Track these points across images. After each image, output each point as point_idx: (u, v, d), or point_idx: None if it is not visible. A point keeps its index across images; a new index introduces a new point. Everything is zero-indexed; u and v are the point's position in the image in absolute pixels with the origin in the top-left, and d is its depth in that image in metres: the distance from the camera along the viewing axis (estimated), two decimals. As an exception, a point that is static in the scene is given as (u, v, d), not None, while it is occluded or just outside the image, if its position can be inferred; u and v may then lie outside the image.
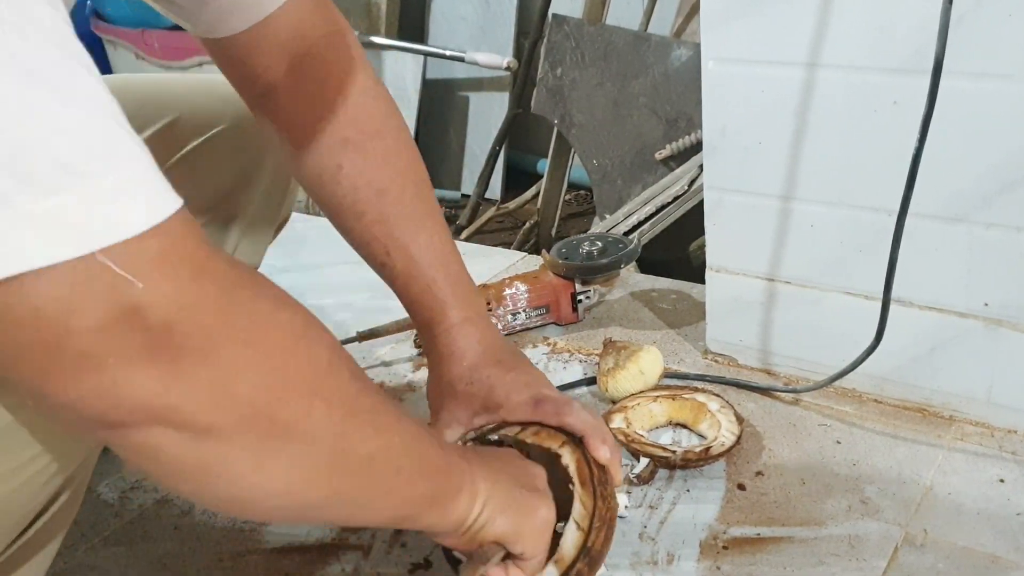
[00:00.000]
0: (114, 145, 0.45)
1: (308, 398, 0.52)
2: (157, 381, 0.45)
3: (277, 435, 0.51)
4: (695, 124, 1.92)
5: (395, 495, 0.61)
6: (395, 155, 0.82)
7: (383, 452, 0.58)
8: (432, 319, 0.82)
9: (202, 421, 0.47)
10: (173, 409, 0.46)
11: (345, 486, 0.57)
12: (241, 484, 0.51)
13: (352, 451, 0.56)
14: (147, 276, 0.44)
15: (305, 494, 0.55)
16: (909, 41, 0.90)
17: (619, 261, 1.25)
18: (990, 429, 1.00)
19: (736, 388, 1.10)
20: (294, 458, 0.52)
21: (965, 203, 0.93)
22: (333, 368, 0.54)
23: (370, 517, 0.64)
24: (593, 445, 0.77)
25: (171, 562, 0.87)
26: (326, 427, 0.53)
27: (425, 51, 2.70)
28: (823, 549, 0.84)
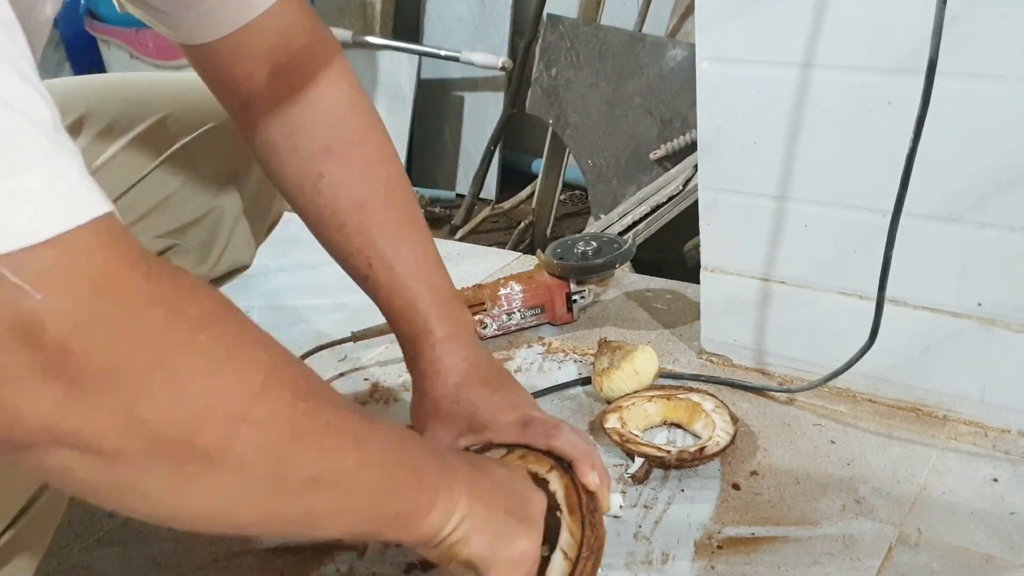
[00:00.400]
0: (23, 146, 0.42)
1: (233, 423, 0.48)
2: (55, 403, 0.42)
3: (197, 461, 0.47)
4: (690, 124, 1.93)
5: (347, 516, 0.57)
6: (377, 165, 0.80)
7: (331, 474, 0.54)
8: (416, 335, 0.80)
9: (107, 447, 0.44)
10: (75, 433, 0.44)
11: (284, 509, 0.53)
12: (161, 507, 0.49)
13: (291, 475, 0.52)
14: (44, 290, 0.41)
15: (235, 517, 0.52)
16: (903, 41, 0.90)
17: (614, 261, 1.25)
18: (984, 429, 1.00)
19: (731, 388, 1.10)
20: (219, 484, 0.49)
21: (959, 203, 0.93)
22: (269, 390, 0.50)
23: (321, 535, 0.60)
24: (582, 471, 0.74)
25: (166, 562, 0.87)
26: (256, 452, 0.49)
27: (420, 51, 2.70)
28: (818, 549, 0.84)
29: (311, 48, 0.77)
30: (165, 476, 0.47)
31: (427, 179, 2.90)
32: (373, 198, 0.79)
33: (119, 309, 0.44)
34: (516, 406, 0.78)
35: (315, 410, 0.53)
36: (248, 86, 0.76)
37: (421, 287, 0.80)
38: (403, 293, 0.79)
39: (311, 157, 0.77)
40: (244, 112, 0.78)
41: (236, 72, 0.76)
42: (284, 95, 0.76)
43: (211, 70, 0.77)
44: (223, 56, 0.75)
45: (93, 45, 2.59)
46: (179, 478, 0.47)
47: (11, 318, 0.41)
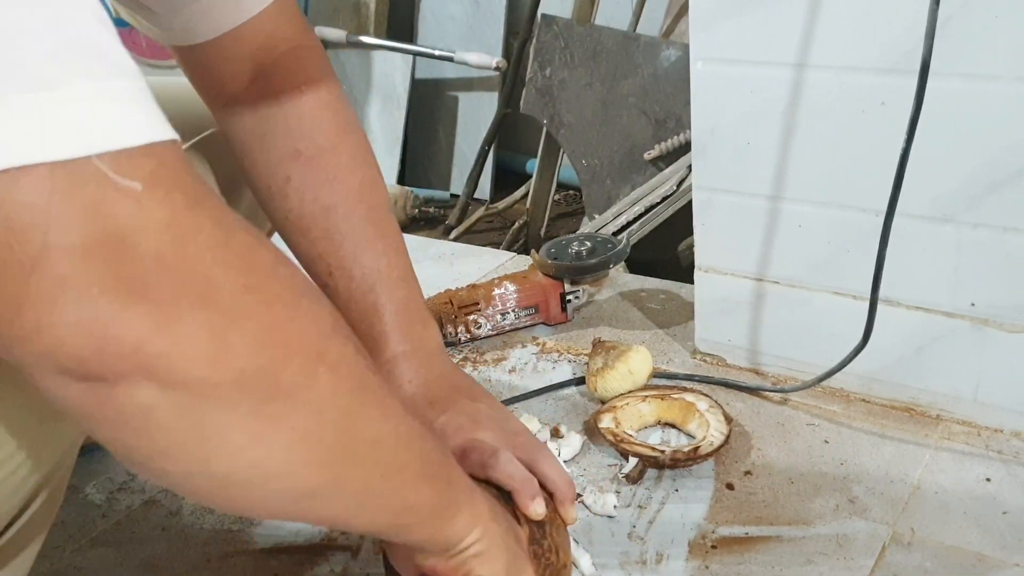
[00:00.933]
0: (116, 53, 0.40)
1: (313, 362, 0.46)
2: (148, 321, 0.39)
3: (280, 401, 0.44)
4: (684, 124, 1.93)
5: (399, 495, 0.55)
6: (348, 172, 0.78)
7: (390, 440, 0.53)
8: (370, 350, 0.76)
9: (197, 375, 0.41)
10: (165, 357, 0.40)
11: (349, 473, 0.51)
12: (240, 459, 0.45)
13: (358, 432, 0.50)
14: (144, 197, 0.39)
15: (306, 477, 0.48)
16: (897, 42, 0.90)
17: (608, 261, 1.25)
18: (977, 428, 1.00)
19: (725, 388, 1.10)
20: (297, 431, 0.46)
21: (952, 203, 0.93)
22: (338, 335, 0.48)
23: (367, 519, 0.56)
24: (521, 503, 0.69)
25: (159, 563, 0.87)
26: (332, 399, 0.47)
27: (414, 51, 2.70)
28: (811, 548, 0.85)
29: (295, 53, 0.77)
30: (248, 416, 0.44)
31: (421, 179, 2.90)
32: (339, 204, 0.77)
33: (215, 224, 0.42)
34: (461, 429, 0.73)
35: (372, 367, 0.52)
36: (232, 87, 0.76)
37: (379, 299, 0.77)
38: (359, 305, 0.77)
39: (281, 160, 0.76)
40: (226, 113, 0.78)
41: (222, 73, 0.75)
42: (263, 97, 0.76)
43: (198, 70, 0.77)
44: (210, 57, 0.75)
45: (86, 44, 2.58)
46: (261, 419, 0.44)
47: (107, 225, 0.37)
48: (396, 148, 2.84)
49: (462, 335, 1.24)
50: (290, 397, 0.45)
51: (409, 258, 0.82)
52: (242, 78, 0.76)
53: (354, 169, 0.78)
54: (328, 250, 0.76)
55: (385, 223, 0.79)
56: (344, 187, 0.77)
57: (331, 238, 0.76)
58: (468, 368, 1.19)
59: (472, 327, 1.24)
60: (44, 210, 0.36)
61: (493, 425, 0.74)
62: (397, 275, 0.78)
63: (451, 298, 1.24)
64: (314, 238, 0.76)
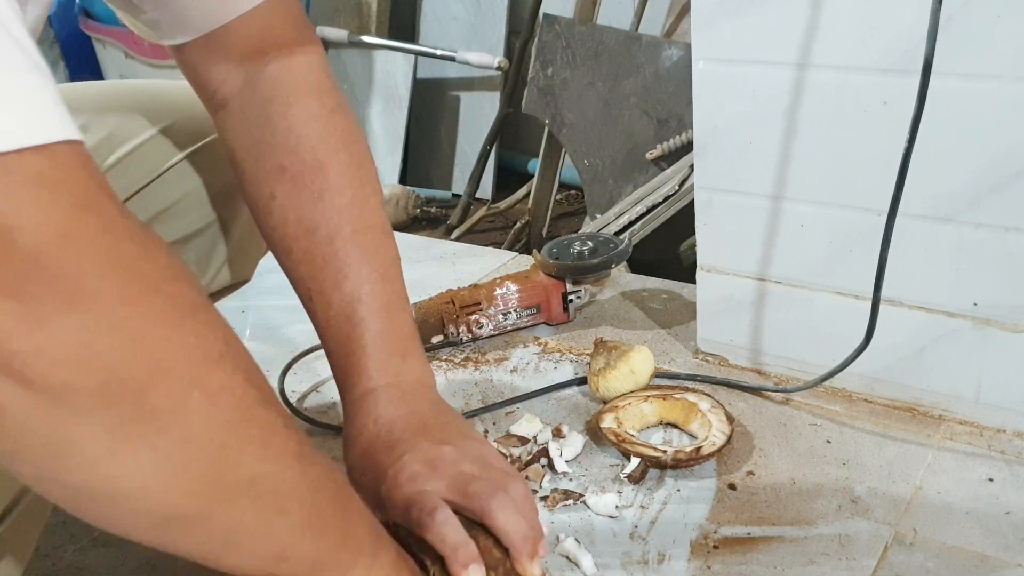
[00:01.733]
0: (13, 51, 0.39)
1: (186, 386, 0.44)
2: (14, 318, 0.38)
3: (142, 419, 0.43)
4: (686, 124, 1.93)
5: (273, 542, 0.52)
6: (335, 192, 0.73)
7: (270, 482, 0.50)
8: (342, 384, 0.74)
9: (56, 379, 0.40)
10: (25, 356, 0.39)
11: (216, 509, 0.49)
12: (93, 472, 0.43)
13: (232, 468, 0.48)
14: (21, 196, 0.38)
15: (166, 503, 0.46)
16: (899, 41, 0.90)
17: (610, 261, 1.25)
18: (979, 428, 1.00)
19: (727, 388, 1.10)
20: (160, 454, 0.44)
21: (954, 203, 0.93)
22: (224, 363, 0.46)
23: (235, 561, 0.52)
24: (453, 570, 0.63)
25: (160, 563, 0.87)
26: (204, 428, 0.45)
27: (416, 50, 2.69)
28: (813, 548, 0.84)
29: (288, 58, 0.74)
30: (106, 430, 0.42)
31: (423, 179, 2.90)
32: (323, 226, 0.73)
33: (99, 230, 0.41)
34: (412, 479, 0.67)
35: (263, 400, 0.50)
36: (223, 90, 0.74)
37: (357, 329, 0.73)
38: (336, 334, 0.73)
39: (267, 175, 0.73)
40: (219, 118, 0.76)
41: (212, 75, 0.73)
42: (251, 105, 0.73)
43: (191, 72, 0.74)
44: (200, 57, 0.72)
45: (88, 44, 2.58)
46: (120, 436, 0.43)
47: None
48: (398, 148, 2.84)
49: (464, 335, 1.24)
50: (155, 418, 0.43)
51: (400, 281, 0.77)
52: (232, 82, 0.73)
53: (342, 188, 0.74)
54: (308, 274, 0.73)
55: (373, 246, 0.75)
56: (329, 207, 0.73)
57: (312, 261, 0.73)
58: (470, 368, 1.19)
59: (474, 327, 1.24)
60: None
61: (450, 471, 0.67)
62: (379, 304, 0.73)
63: (453, 298, 1.24)
64: (296, 260, 0.73)
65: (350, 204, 0.74)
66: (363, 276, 0.73)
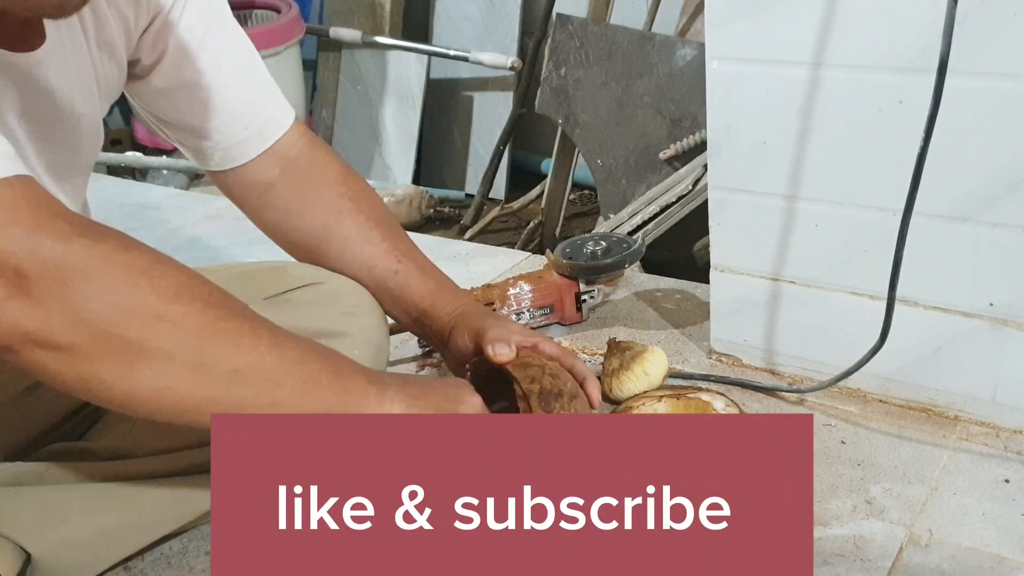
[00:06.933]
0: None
1: (153, 320, 0.64)
2: (20, 311, 0.61)
3: (132, 351, 0.64)
4: (699, 124, 1.92)
5: (281, 405, 0.70)
6: (382, 205, 1.02)
7: (252, 367, 0.68)
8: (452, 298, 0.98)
9: (63, 341, 0.62)
10: (38, 332, 0.62)
11: (216, 396, 0.68)
12: (115, 391, 0.65)
13: (214, 365, 0.67)
14: None
15: (176, 402, 0.67)
16: (914, 40, 0.89)
17: (623, 261, 1.25)
18: (995, 429, 0.99)
19: (741, 388, 1.10)
20: (155, 370, 0.65)
21: (970, 203, 0.93)
22: (181, 297, 0.66)
23: None
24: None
25: (176, 560, 0.87)
26: (178, 344, 0.65)
27: (429, 51, 2.70)
28: (828, 549, 0.84)
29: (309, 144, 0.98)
30: (112, 365, 0.64)
31: (436, 179, 2.90)
32: (389, 218, 1.01)
33: (51, 242, 0.62)
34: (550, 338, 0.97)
35: (227, 316, 0.68)
36: (266, 179, 0.96)
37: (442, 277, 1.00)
38: (433, 275, 0.99)
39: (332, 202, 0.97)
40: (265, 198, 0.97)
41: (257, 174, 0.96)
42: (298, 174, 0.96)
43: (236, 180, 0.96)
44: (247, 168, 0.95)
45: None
46: (123, 365, 0.64)
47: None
48: (411, 148, 2.84)
49: (477, 335, 1.24)
50: (139, 348, 0.64)
51: None
52: (272, 170, 0.96)
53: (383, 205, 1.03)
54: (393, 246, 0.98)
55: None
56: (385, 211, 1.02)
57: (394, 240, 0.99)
58: (483, 368, 1.19)
59: (487, 327, 1.24)
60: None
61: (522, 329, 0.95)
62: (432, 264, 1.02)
63: (466, 298, 1.24)
64: (378, 242, 0.98)
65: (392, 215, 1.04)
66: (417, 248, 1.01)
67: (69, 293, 0.62)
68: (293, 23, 2.62)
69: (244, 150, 0.94)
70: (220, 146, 0.93)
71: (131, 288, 0.64)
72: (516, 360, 0.88)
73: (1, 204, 0.62)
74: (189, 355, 0.66)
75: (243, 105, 0.93)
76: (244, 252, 1.58)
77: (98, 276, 0.63)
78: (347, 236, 0.97)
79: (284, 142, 0.96)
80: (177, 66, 0.88)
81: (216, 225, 1.77)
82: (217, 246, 1.67)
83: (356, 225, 0.97)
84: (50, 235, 0.62)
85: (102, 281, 0.63)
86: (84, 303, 0.62)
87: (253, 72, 0.94)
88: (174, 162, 2.58)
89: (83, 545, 0.81)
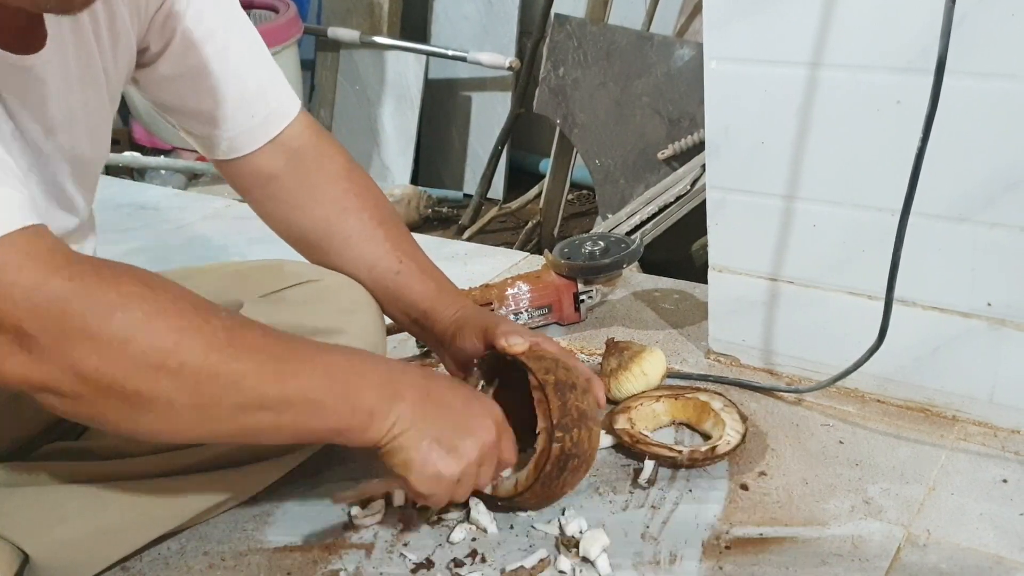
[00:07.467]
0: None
1: (153, 372, 0.67)
2: (24, 366, 0.65)
3: (134, 401, 0.67)
4: (698, 124, 1.92)
5: (283, 432, 0.75)
6: (386, 201, 1.02)
7: (254, 403, 0.71)
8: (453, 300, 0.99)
9: (67, 391, 0.66)
10: (43, 384, 0.66)
11: (222, 428, 0.73)
12: (123, 428, 0.70)
13: (216, 404, 0.70)
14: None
15: (182, 436, 0.73)
16: (912, 40, 0.90)
17: (621, 261, 1.25)
18: (993, 429, 0.99)
19: (739, 388, 1.10)
20: (158, 415, 0.69)
21: (968, 203, 0.93)
22: (181, 347, 0.68)
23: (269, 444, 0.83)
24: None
25: (173, 560, 0.87)
26: (178, 391, 0.68)
27: (427, 51, 2.70)
28: (826, 549, 0.84)
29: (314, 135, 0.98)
30: (116, 409, 0.68)
31: (434, 179, 2.90)
32: (393, 216, 1.01)
33: (50, 302, 0.64)
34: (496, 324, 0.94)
35: (230, 357, 0.70)
36: (270, 170, 0.96)
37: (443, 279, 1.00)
38: (436, 276, 1.00)
39: (336, 198, 0.97)
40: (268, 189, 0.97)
41: (261, 164, 0.96)
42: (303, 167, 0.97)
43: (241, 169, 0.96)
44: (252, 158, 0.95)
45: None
46: (127, 411, 0.68)
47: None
48: (409, 148, 2.84)
49: (475, 335, 1.24)
50: (140, 397, 0.67)
51: None
52: (276, 161, 0.96)
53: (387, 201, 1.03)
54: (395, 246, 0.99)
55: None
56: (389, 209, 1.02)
57: (393, 239, 0.99)
58: (481, 368, 1.19)
59: (485, 327, 1.24)
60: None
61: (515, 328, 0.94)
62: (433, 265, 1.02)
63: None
64: (380, 240, 0.98)
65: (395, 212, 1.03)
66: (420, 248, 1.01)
67: (69, 351, 0.65)
68: (291, 23, 2.62)
69: (250, 139, 0.94)
70: (227, 135, 0.93)
71: (128, 344, 0.66)
72: (530, 352, 0.88)
73: (3, 263, 0.63)
74: (189, 400, 0.69)
75: (250, 93, 0.92)
76: (242, 252, 1.58)
77: (97, 334, 0.65)
78: (349, 234, 0.97)
79: (290, 132, 0.96)
80: (184, 53, 0.88)
81: (214, 225, 1.77)
82: (215, 246, 1.66)
83: (360, 223, 0.97)
84: (50, 294, 0.64)
85: (101, 339, 0.65)
86: (84, 360, 0.65)
87: (260, 61, 0.94)
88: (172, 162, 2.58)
89: (81, 545, 0.81)
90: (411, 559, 0.85)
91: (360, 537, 0.89)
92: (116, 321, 0.66)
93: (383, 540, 0.88)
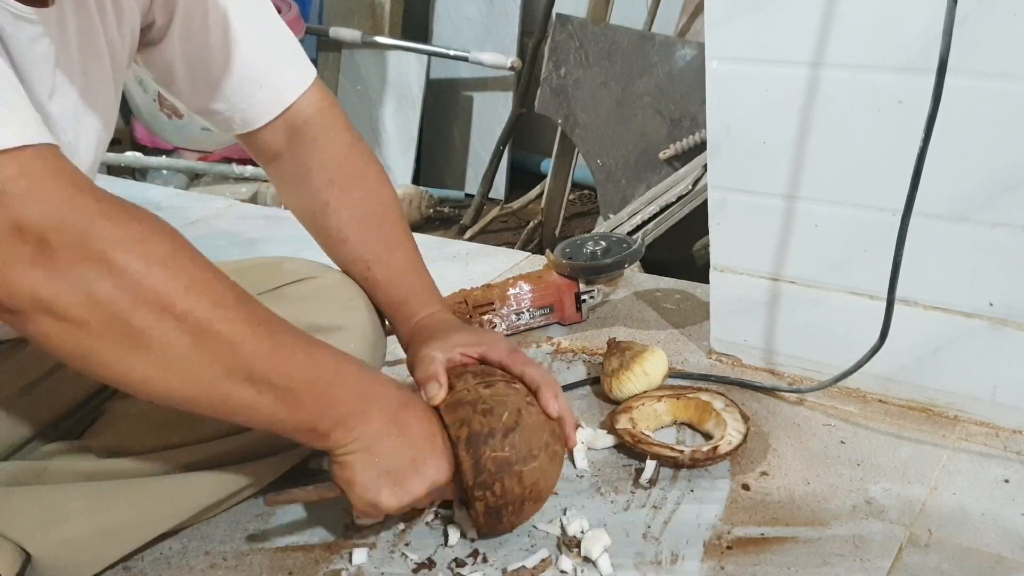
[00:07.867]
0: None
1: (159, 311, 0.67)
2: (39, 280, 0.63)
3: (133, 337, 0.66)
4: (699, 124, 1.92)
5: (256, 413, 0.74)
6: (374, 194, 0.98)
7: (241, 371, 0.71)
8: (411, 314, 0.96)
9: (72, 315, 0.65)
10: (52, 301, 0.64)
11: (205, 390, 0.71)
12: (109, 370, 0.68)
13: (208, 363, 0.70)
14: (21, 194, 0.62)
15: (168, 389, 0.70)
16: (914, 40, 0.89)
17: (623, 261, 1.25)
18: (995, 429, 0.99)
19: (740, 388, 1.10)
20: (151, 357, 0.68)
21: (970, 203, 0.93)
22: (191, 293, 0.68)
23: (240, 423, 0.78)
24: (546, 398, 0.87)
25: (175, 560, 0.87)
26: (178, 336, 0.68)
27: (429, 51, 2.70)
28: (827, 549, 0.84)
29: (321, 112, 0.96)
30: (113, 345, 0.67)
31: (436, 179, 2.91)
32: (371, 216, 0.97)
33: (77, 218, 0.64)
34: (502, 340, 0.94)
35: (233, 319, 0.70)
36: (275, 147, 0.96)
37: (414, 281, 0.98)
38: (399, 285, 0.97)
39: (319, 190, 0.96)
40: (273, 166, 0.98)
41: (267, 141, 0.96)
42: (300, 147, 0.96)
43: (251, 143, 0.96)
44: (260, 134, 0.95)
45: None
46: (123, 347, 0.67)
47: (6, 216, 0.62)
48: (411, 148, 2.84)
49: (477, 335, 1.24)
50: (140, 335, 0.67)
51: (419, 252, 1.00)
52: (280, 138, 0.96)
53: (378, 192, 0.99)
54: (365, 250, 0.96)
55: (404, 230, 1.00)
56: (371, 203, 0.98)
57: (367, 242, 0.96)
58: (483, 368, 1.19)
59: (487, 327, 1.24)
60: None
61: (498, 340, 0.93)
62: (420, 268, 0.99)
63: (466, 298, 1.24)
64: (352, 244, 0.96)
65: (385, 202, 0.99)
66: (406, 247, 0.98)
67: (87, 271, 0.64)
68: (293, 23, 2.62)
69: (259, 112, 0.93)
70: (237, 107, 0.92)
71: (144, 278, 0.66)
72: (448, 398, 0.84)
73: (32, 173, 0.63)
74: (186, 349, 0.68)
75: (256, 63, 0.91)
76: (244, 252, 1.58)
77: (116, 260, 0.65)
78: (328, 234, 0.97)
79: (298, 106, 0.94)
80: (187, 25, 0.87)
81: (216, 225, 1.77)
82: (217, 245, 1.66)
83: (338, 222, 0.96)
84: (76, 211, 0.64)
85: (119, 265, 0.65)
86: (99, 283, 0.64)
87: (267, 32, 0.92)
88: (174, 162, 2.59)
89: (82, 544, 0.81)
90: (412, 559, 0.85)
91: (362, 537, 0.89)
92: (136, 252, 0.66)
93: (385, 540, 0.88)
